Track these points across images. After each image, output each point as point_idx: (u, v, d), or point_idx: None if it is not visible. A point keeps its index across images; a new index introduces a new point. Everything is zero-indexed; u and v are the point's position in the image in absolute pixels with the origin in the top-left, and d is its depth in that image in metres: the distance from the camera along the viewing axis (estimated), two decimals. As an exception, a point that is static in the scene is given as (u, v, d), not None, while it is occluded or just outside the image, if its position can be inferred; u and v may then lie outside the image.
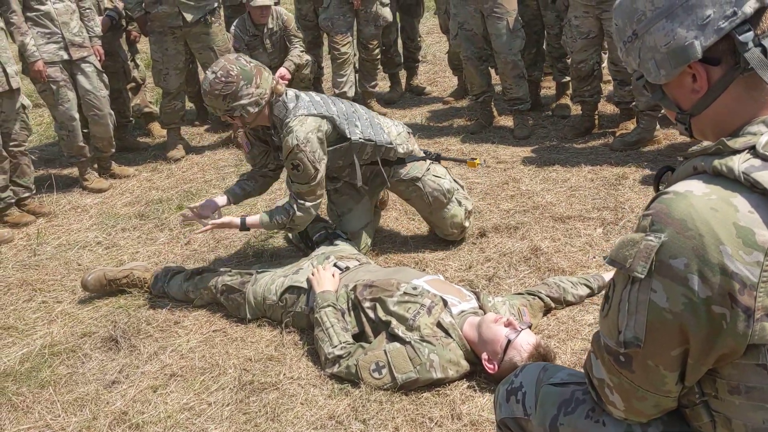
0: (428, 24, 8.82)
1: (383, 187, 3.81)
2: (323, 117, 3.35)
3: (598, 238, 3.71)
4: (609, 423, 1.45)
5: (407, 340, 2.69)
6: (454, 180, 3.82)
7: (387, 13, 6.04)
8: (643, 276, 1.18)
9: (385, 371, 2.67)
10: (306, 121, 3.29)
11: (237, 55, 3.35)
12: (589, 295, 3.20)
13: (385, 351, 2.69)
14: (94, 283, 3.52)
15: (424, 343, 2.67)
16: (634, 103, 4.99)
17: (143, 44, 7.00)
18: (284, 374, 2.86)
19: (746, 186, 1.13)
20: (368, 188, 3.77)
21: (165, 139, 5.89)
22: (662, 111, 4.92)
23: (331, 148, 3.42)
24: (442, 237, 3.81)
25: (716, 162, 1.17)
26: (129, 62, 5.86)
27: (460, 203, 3.73)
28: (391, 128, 3.66)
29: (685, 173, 1.25)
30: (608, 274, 3.28)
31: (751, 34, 1.18)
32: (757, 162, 1.14)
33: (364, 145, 3.50)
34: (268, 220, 3.40)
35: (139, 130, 6.32)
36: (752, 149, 1.16)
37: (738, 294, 1.10)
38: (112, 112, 5.21)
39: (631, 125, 5.13)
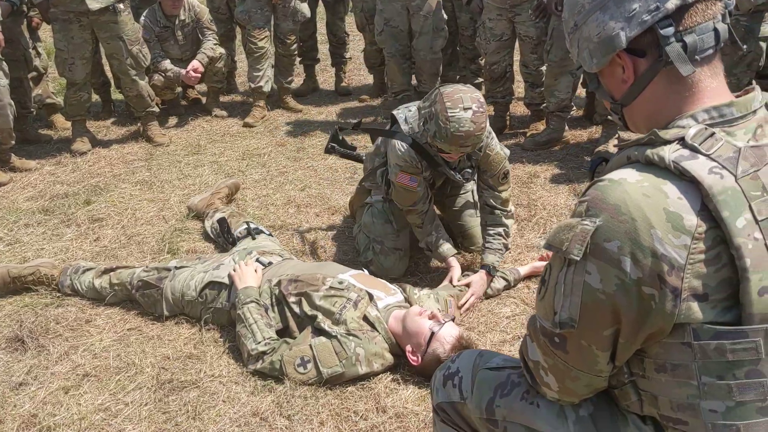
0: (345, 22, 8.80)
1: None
2: None
3: (513, 234, 3.82)
4: (543, 405, 1.50)
5: (333, 334, 2.69)
6: None
7: (305, 8, 6.00)
8: (578, 258, 1.22)
9: (310, 366, 2.65)
10: (492, 132, 3.30)
11: (453, 85, 3.05)
12: (506, 288, 3.31)
13: (310, 345, 2.68)
14: None
15: (350, 337, 2.68)
16: (544, 105, 5.17)
17: (45, 32, 6.68)
18: (205, 372, 2.80)
19: (676, 174, 1.20)
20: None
21: (69, 132, 5.63)
22: (571, 112, 5.13)
23: None
24: (469, 250, 3.60)
25: (649, 151, 1.24)
26: (30, 50, 5.56)
27: None
28: None
29: (619, 163, 1.32)
30: (524, 268, 3.40)
31: (671, 29, 1.25)
32: (686, 152, 1.21)
33: None
34: (500, 258, 3.32)
35: (41, 122, 6.00)
36: (681, 140, 1.23)
37: (666, 275, 1.16)
38: (12, 103, 4.91)
39: (541, 126, 5.30)
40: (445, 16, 5.44)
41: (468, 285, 3.19)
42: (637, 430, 1.39)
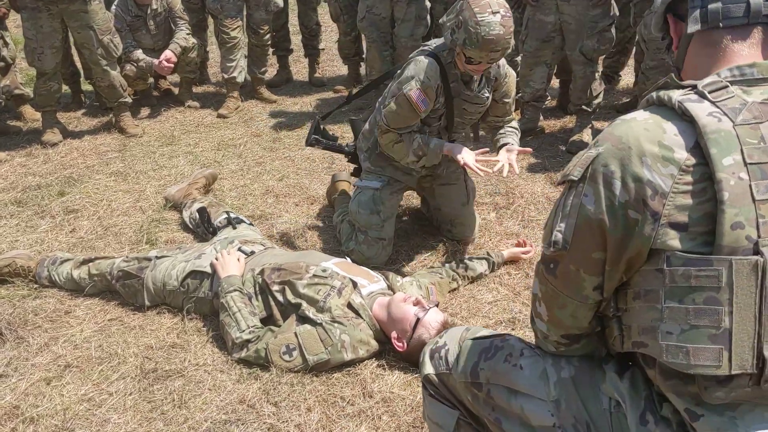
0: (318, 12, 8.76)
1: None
2: None
3: (492, 222, 3.87)
4: (525, 366, 1.58)
5: (318, 321, 2.69)
6: None
7: (278, -2, 5.96)
8: (577, 178, 1.36)
9: (296, 353, 2.65)
10: None
11: None
12: (491, 270, 3.34)
13: (295, 333, 2.68)
14: None
15: (335, 324, 2.69)
16: (519, 95, 5.21)
17: (14, 21, 6.54)
18: (189, 361, 2.78)
19: (679, 114, 1.30)
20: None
21: (38, 123, 5.52)
22: (545, 102, 5.18)
23: None
24: (458, 239, 3.62)
25: (662, 92, 1.35)
26: (-3, 40, 5.44)
27: None
28: None
29: (641, 106, 1.43)
30: (507, 251, 3.44)
31: None
32: (694, 96, 1.31)
33: None
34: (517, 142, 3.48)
35: (9, 113, 5.88)
36: (694, 87, 1.33)
37: (649, 200, 1.26)
38: (-20, 93, 4.83)
39: (515, 116, 5.34)
40: (428, 4, 5.45)
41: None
42: (614, 389, 1.47)
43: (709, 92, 1.29)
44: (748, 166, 1.22)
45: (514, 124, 3.55)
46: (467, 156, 3.20)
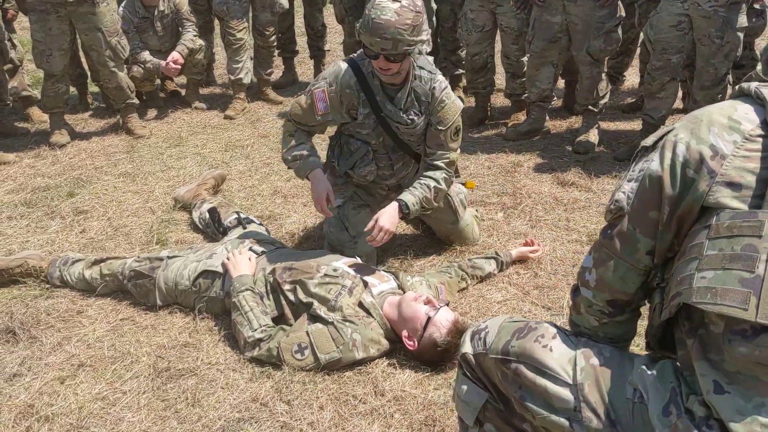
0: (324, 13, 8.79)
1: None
2: None
3: (500, 222, 3.88)
4: (555, 349, 1.61)
5: (330, 320, 2.71)
6: None
7: (283, 0, 5.98)
8: (649, 144, 1.48)
9: (307, 352, 2.67)
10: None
11: None
12: (499, 270, 3.35)
13: (307, 332, 2.70)
14: None
15: (347, 323, 2.70)
16: (525, 95, 5.24)
17: (20, 24, 6.57)
18: (201, 360, 2.80)
19: (754, 98, 1.40)
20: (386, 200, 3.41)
21: (46, 125, 5.55)
22: (551, 103, 5.20)
23: None
24: (455, 242, 3.60)
25: (744, 84, 1.44)
26: (5, 42, 5.47)
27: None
28: None
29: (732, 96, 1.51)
30: (515, 250, 3.45)
31: None
32: None
33: None
34: (416, 203, 3.05)
35: (17, 115, 5.91)
36: None
37: (709, 160, 1.36)
38: (-12, 95, 4.86)
39: (522, 116, 5.37)
40: (434, 6, 5.47)
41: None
42: (639, 381, 1.49)
43: None
44: None
45: (440, 174, 3.11)
46: (317, 193, 3.10)
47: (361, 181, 3.39)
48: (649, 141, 1.48)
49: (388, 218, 3.02)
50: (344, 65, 3.08)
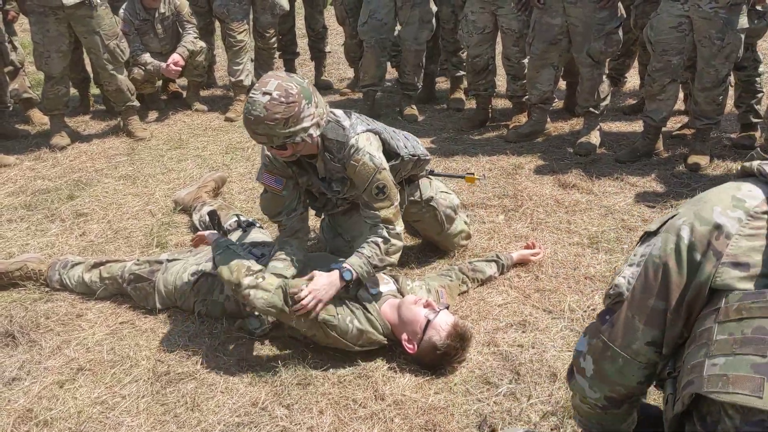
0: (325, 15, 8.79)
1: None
2: (376, 133, 2.96)
3: (501, 225, 3.87)
4: None
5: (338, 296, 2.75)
6: None
7: (284, 2, 5.98)
8: (653, 229, 1.43)
9: (309, 298, 2.68)
10: (371, 139, 2.89)
11: (281, 71, 2.78)
12: (500, 273, 3.34)
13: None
14: None
15: (350, 309, 2.75)
16: (526, 97, 5.23)
17: (21, 26, 6.57)
18: (201, 364, 2.80)
19: (758, 176, 1.38)
20: None
21: (46, 127, 5.55)
22: (552, 104, 5.19)
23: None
24: (444, 250, 3.57)
25: (747, 163, 1.41)
26: (6, 44, 5.47)
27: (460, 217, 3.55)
28: (417, 141, 3.30)
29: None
30: (516, 253, 3.44)
31: None
32: None
33: (408, 161, 3.12)
34: (367, 270, 2.81)
35: (18, 117, 5.91)
36: None
37: (714, 239, 1.32)
38: (-11, 97, 4.86)
39: (523, 118, 5.36)
40: (434, 8, 5.46)
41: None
42: None
43: None
44: None
45: (383, 233, 2.87)
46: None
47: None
48: (653, 226, 1.45)
49: (323, 285, 2.74)
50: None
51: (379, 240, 2.86)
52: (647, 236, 1.44)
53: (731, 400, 1.20)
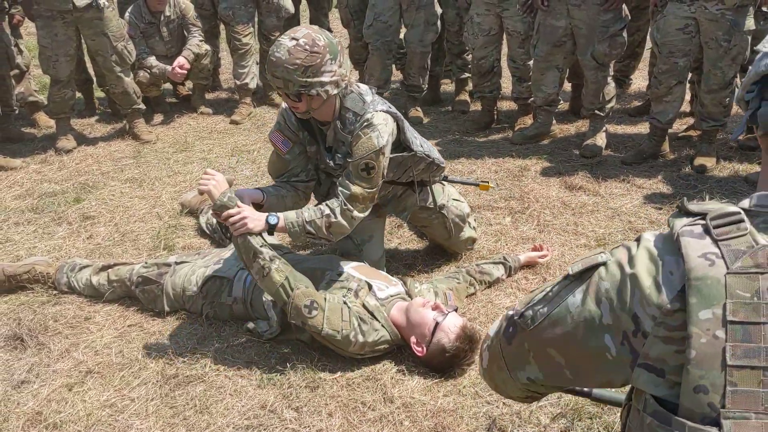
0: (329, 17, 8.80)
1: (406, 211, 3.36)
2: (397, 119, 2.93)
3: (507, 227, 3.87)
4: None
5: (347, 302, 2.73)
6: None
7: (289, 4, 6.00)
8: (572, 273, 1.24)
9: (316, 313, 2.66)
10: (389, 121, 2.85)
11: (317, 27, 2.79)
12: (508, 275, 3.34)
13: (325, 298, 2.71)
14: None
15: (358, 318, 2.72)
16: (531, 99, 5.23)
17: (26, 29, 6.58)
18: (210, 366, 2.80)
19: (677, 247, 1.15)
20: (384, 209, 3.40)
21: (52, 130, 5.56)
22: (558, 106, 5.18)
23: (391, 156, 2.95)
24: (451, 253, 3.56)
25: (671, 218, 1.20)
26: (12, 47, 5.48)
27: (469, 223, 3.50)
28: (433, 148, 3.28)
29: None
30: (524, 255, 3.44)
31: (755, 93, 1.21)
32: (699, 230, 1.14)
33: (421, 160, 3.11)
34: (298, 227, 2.79)
35: (23, 120, 5.92)
36: (704, 216, 1.15)
37: (632, 336, 1.14)
38: (-4, 101, 4.87)
39: (528, 120, 5.36)
40: (439, 11, 5.47)
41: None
42: None
43: (715, 227, 1.11)
44: (728, 325, 1.05)
45: (336, 204, 2.82)
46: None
47: None
48: (575, 268, 1.24)
49: (253, 215, 2.76)
50: (285, 105, 3.00)
51: (327, 211, 2.81)
52: (568, 277, 1.25)
53: None
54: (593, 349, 1.19)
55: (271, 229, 2.77)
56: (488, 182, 3.68)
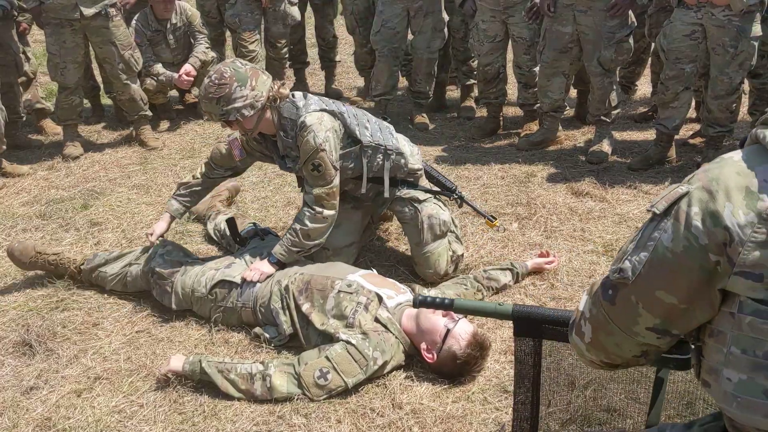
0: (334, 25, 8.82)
1: (385, 204, 3.50)
2: (334, 115, 3.16)
3: (514, 233, 3.87)
4: None
5: (346, 339, 2.68)
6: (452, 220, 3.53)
7: (295, 12, 6.01)
8: (658, 212, 1.29)
9: (331, 376, 2.61)
10: (323, 119, 3.09)
11: (233, 59, 3.18)
12: (515, 281, 3.34)
13: (326, 357, 2.65)
14: (21, 251, 3.42)
15: (367, 339, 2.69)
16: (537, 105, 5.23)
17: (33, 37, 6.61)
18: (218, 372, 2.79)
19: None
20: (368, 204, 3.57)
21: (59, 137, 5.57)
22: (564, 112, 5.19)
23: (342, 152, 3.19)
24: (419, 274, 3.46)
25: (759, 130, 1.26)
26: (20, 55, 5.50)
27: (450, 244, 3.44)
28: (402, 142, 3.46)
29: (749, 142, 1.33)
30: (531, 261, 3.43)
31: None
32: None
33: (376, 150, 3.27)
34: (288, 254, 3.12)
35: (30, 127, 5.94)
36: None
37: (728, 246, 1.20)
38: (3, 108, 4.88)
39: (534, 126, 5.36)
40: (446, 18, 5.48)
41: None
42: None
43: None
44: None
45: (304, 214, 3.14)
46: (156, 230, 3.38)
47: None
48: (660, 206, 1.30)
49: (260, 264, 3.13)
50: None
51: (297, 226, 3.13)
52: (655, 217, 1.31)
53: (743, 422, 1.22)
54: (700, 271, 1.24)
55: (278, 265, 3.12)
56: (496, 220, 3.71)
